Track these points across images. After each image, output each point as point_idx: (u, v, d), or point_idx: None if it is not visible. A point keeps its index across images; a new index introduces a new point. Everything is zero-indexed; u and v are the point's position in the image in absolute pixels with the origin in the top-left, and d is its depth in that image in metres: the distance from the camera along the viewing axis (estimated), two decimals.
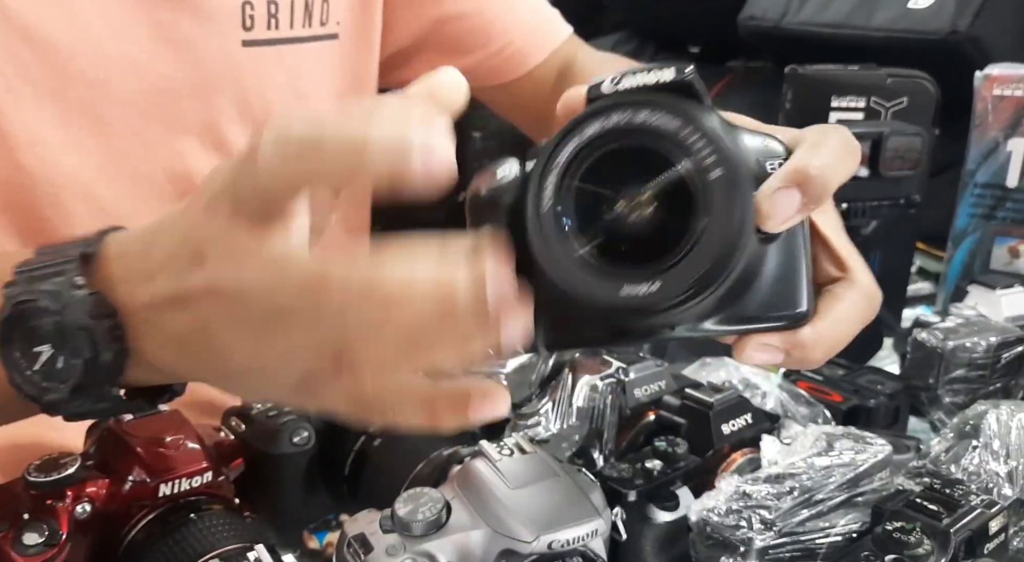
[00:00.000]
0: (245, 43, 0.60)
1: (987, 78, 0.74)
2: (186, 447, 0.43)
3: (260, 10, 0.59)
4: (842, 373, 0.65)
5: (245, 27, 0.59)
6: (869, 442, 0.47)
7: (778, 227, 0.31)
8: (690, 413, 0.50)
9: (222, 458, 0.45)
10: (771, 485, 0.44)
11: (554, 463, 0.42)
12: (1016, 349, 0.60)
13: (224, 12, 0.58)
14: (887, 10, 0.89)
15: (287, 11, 0.61)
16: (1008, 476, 0.45)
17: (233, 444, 0.47)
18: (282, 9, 0.61)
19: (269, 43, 0.61)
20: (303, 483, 0.49)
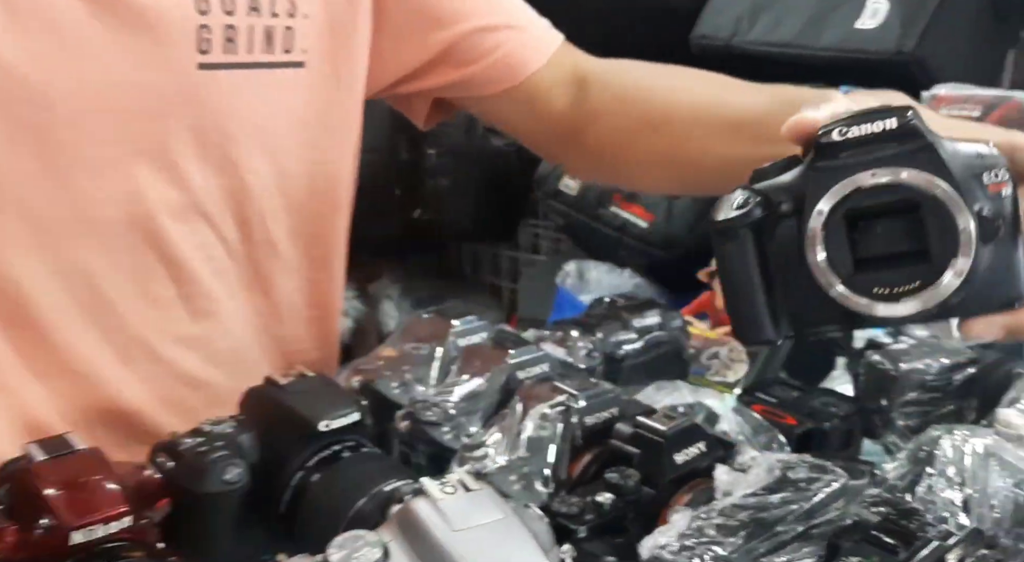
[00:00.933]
0: (201, 66, 0.58)
1: (934, 98, 0.75)
2: (103, 489, 0.40)
3: (217, 33, 0.58)
4: (796, 395, 0.64)
5: (201, 50, 0.58)
6: (825, 471, 0.46)
7: None
8: (642, 442, 0.48)
9: (145, 499, 0.42)
10: (725, 518, 0.42)
11: (500, 501, 0.40)
12: (968, 371, 0.59)
13: (179, 33, 0.57)
14: (835, 30, 0.90)
15: (245, 36, 0.60)
16: (964, 504, 0.44)
17: (158, 483, 0.44)
18: (240, 33, 0.59)
19: (226, 67, 0.60)
20: (235, 523, 0.46)
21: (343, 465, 0.48)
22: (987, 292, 0.38)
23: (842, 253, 0.38)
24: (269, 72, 0.61)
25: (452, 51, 0.68)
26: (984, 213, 0.37)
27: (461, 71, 0.68)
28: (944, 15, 0.86)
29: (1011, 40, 0.95)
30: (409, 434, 0.55)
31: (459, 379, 0.58)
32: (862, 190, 0.38)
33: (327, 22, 0.64)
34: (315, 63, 0.64)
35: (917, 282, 0.37)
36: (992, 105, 0.72)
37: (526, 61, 0.69)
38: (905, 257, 0.38)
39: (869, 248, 0.38)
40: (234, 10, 0.58)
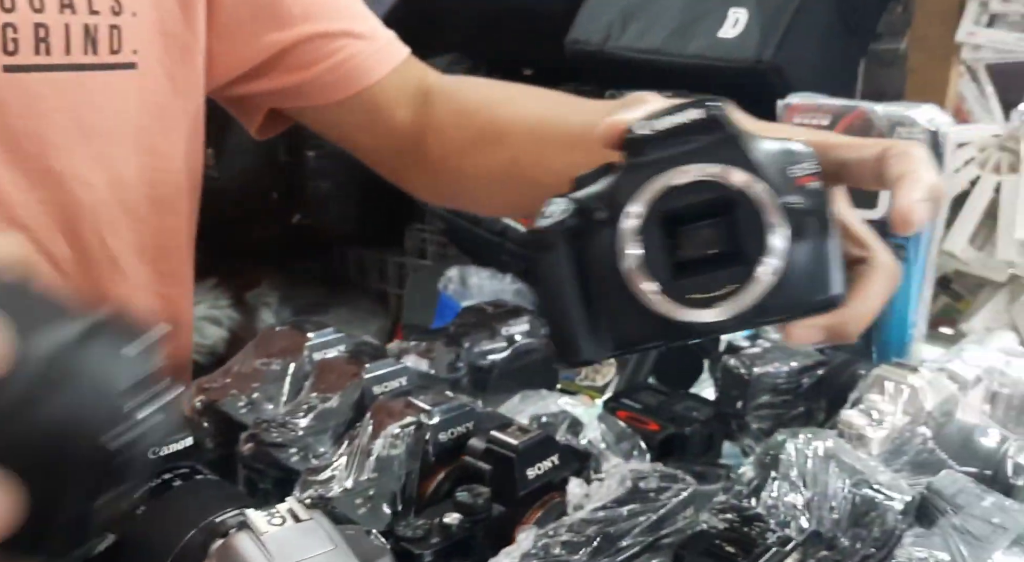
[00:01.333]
0: (7, 68, 0.53)
1: (788, 107, 0.77)
2: None
3: (25, 33, 0.53)
4: (660, 400, 0.65)
5: (7, 51, 0.53)
6: (675, 479, 0.46)
7: (911, 232, 0.37)
8: (494, 457, 0.47)
9: None
10: (573, 534, 0.41)
11: (332, 530, 0.37)
12: (816, 373, 0.61)
13: None
14: (700, 38, 0.92)
15: (60, 36, 0.55)
16: (805, 506, 0.45)
17: None
18: (54, 33, 0.54)
19: (40, 69, 0.55)
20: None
21: (173, 495, 0.44)
22: (804, 293, 0.36)
23: (657, 258, 0.36)
24: (95, 74, 0.57)
25: (287, 54, 0.66)
26: (793, 207, 0.35)
27: (296, 76, 0.66)
28: (798, 27, 0.89)
29: (861, 52, 1.00)
30: (253, 458, 0.51)
31: (310, 397, 0.55)
32: (674, 189, 0.36)
33: (158, 21, 0.60)
34: (148, 64, 0.60)
35: (732, 285, 0.35)
36: (840, 114, 0.75)
37: (366, 71, 0.67)
38: (722, 260, 0.36)
39: (686, 252, 0.36)
40: (43, 7, 0.54)
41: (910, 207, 0.37)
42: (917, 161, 0.38)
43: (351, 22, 0.68)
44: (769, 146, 0.36)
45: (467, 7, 1.22)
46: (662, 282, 0.36)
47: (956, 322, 0.89)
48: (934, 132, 0.72)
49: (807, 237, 0.36)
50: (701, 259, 0.36)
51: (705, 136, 0.35)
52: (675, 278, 0.36)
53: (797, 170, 0.36)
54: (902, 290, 0.74)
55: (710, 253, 0.36)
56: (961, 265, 0.87)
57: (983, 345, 0.65)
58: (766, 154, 0.36)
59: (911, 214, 0.37)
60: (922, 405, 0.54)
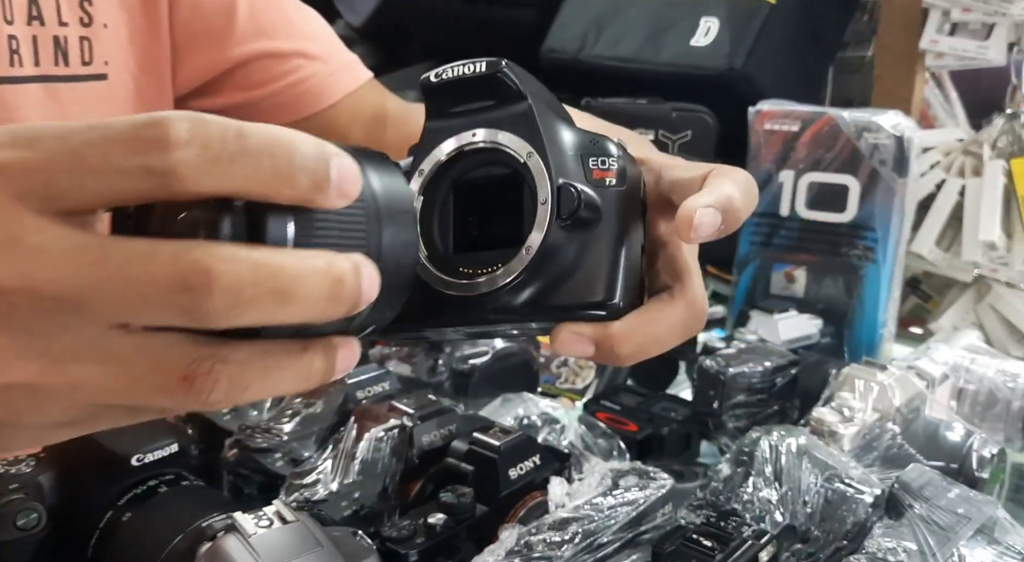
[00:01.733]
0: None
1: (759, 113, 0.79)
2: None
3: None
4: (638, 402, 0.66)
5: None
6: (653, 477, 0.47)
7: (694, 239, 0.33)
8: (477, 458, 0.47)
9: None
10: (555, 532, 0.42)
11: (319, 531, 0.38)
12: (789, 372, 0.63)
13: None
14: (672, 47, 0.94)
15: (29, 48, 0.55)
16: (779, 502, 0.46)
17: None
18: (23, 44, 0.54)
19: (12, 81, 0.55)
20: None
21: (159, 501, 0.45)
22: (573, 292, 0.33)
23: (431, 225, 0.34)
24: (67, 86, 0.57)
25: (237, 72, 0.66)
26: (572, 190, 0.32)
27: (246, 94, 0.66)
28: (767, 36, 0.91)
29: (829, 59, 1.03)
30: (238, 463, 0.52)
31: (293, 402, 0.55)
32: (461, 154, 0.34)
33: (127, 32, 0.61)
34: (118, 75, 0.60)
35: (498, 264, 0.32)
36: (809, 120, 0.77)
37: (319, 94, 0.68)
38: (502, 237, 0.33)
39: (470, 227, 0.34)
40: (13, 19, 0.54)
41: (691, 210, 0.33)
42: (730, 180, 0.35)
43: (306, 43, 0.68)
44: (577, 131, 0.34)
45: (442, 17, 1.23)
46: (431, 249, 0.34)
47: (925, 322, 0.92)
48: (900, 137, 0.75)
49: (586, 231, 0.33)
50: (487, 236, 0.34)
51: (510, 106, 0.33)
52: (456, 252, 0.34)
53: (597, 163, 0.34)
54: (872, 290, 0.77)
55: (497, 231, 0.33)
56: (929, 266, 0.89)
57: (949, 344, 0.67)
58: (569, 138, 0.34)
59: (690, 217, 0.33)
60: (891, 402, 0.55)
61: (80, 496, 0.45)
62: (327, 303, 0.25)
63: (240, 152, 0.24)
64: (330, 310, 0.25)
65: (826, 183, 0.77)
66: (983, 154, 0.88)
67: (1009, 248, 0.83)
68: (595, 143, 0.34)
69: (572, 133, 0.34)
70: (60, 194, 0.23)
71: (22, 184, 0.23)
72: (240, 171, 0.24)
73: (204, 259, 0.23)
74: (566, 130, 0.34)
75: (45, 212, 0.23)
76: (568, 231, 0.32)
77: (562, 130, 0.34)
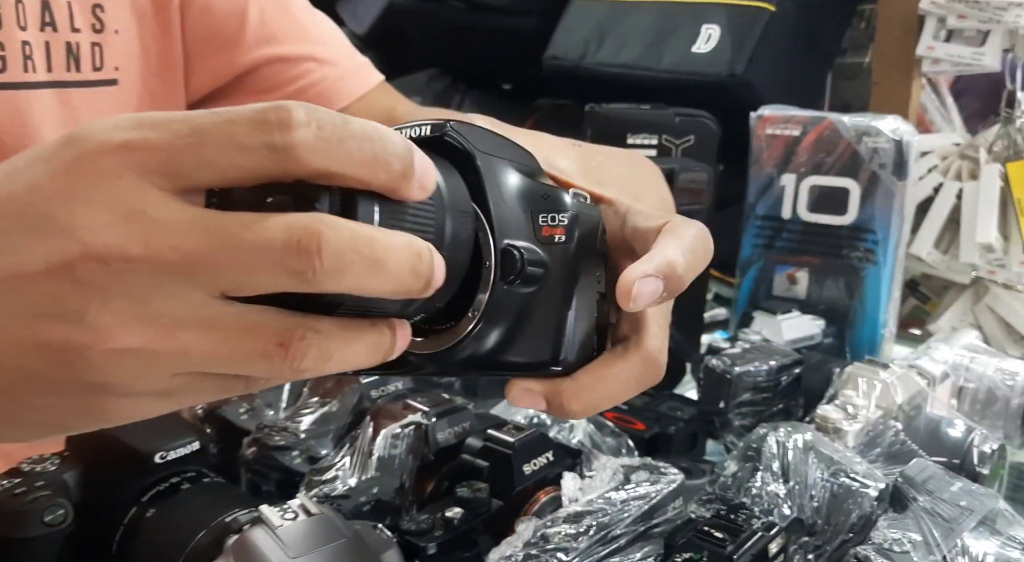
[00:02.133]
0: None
1: (760, 118, 0.80)
2: None
3: (12, 50, 0.54)
4: (645, 401, 0.67)
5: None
6: (663, 472, 0.48)
7: (634, 309, 0.33)
8: (491, 455, 0.49)
9: None
10: (569, 525, 0.43)
11: (343, 523, 0.39)
12: (793, 371, 0.64)
13: None
14: (673, 53, 0.95)
15: (42, 53, 0.56)
16: (787, 496, 0.48)
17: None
18: (36, 50, 0.55)
19: (26, 87, 0.56)
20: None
21: (181, 498, 0.46)
22: (519, 351, 0.33)
23: None
24: (79, 91, 0.58)
25: (248, 77, 0.67)
26: (514, 253, 0.32)
27: (258, 98, 0.68)
28: (767, 42, 0.93)
29: (828, 66, 1.04)
30: (257, 461, 0.53)
31: (309, 402, 0.56)
32: None
33: (139, 38, 0.62)
34: (129, 80, 0.61)
35: (451, 322, 0.32)
36: (810, 124, 0.78)
37: (331, 98, 0.69)
38: (458, 295, 0.32)
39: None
40: (27, 26, 0.55)
41: (631, 281, 0.32)
42: (677, 241, 0.34)
43: (316, 47, 0.69)
44: (526, 184, 0.34)
45: (445, 25, 1.25)
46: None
47: (924, 323, 0.93)
48: (899, 141, 0.76)
49: (532, 289, 0.33)
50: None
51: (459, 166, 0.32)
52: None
53: (547, 219, 0.33)
54: (873, 291, 0.78)
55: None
56: (927, 268, 0.91)
57: (949, 343, 0.68)
58: (520, 194, 0.33)
59: (629, 287, 0.32)
60: (893, 400, 0.57)
61: (104, 493, 0.46)
62: (409, 276, 0.27)
63: (347, 135, 0.26)
64: (411, 283, 0.27)
65: (827, 186, 0.78)
66: (979, 158, 0.89)
67: (1006, 250, 0.85)
68: (547, 197, 0.34)
69: (525, 188, 0.34)
70: (183, 171, 0.25)
71: (148, 162, 0.25)
72: (346, 152, 0.26)
73: (314, 225, 0.25)
74: (519, 185, 0.33)
75: (167, 188, 0.25)
76: (513, 291, 0.32)
77: (513, 186, 0.33)
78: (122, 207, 0.25)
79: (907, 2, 0.93)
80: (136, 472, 0.46)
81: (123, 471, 0.46)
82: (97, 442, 0.47)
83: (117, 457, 0.46)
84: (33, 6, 0.55)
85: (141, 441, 0.46)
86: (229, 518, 0.43)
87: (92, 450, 0.47)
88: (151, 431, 0.47)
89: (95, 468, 0.46)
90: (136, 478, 0.46)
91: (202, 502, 0.46)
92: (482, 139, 0.33)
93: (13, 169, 0.27)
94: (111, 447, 0.46)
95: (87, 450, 0.47)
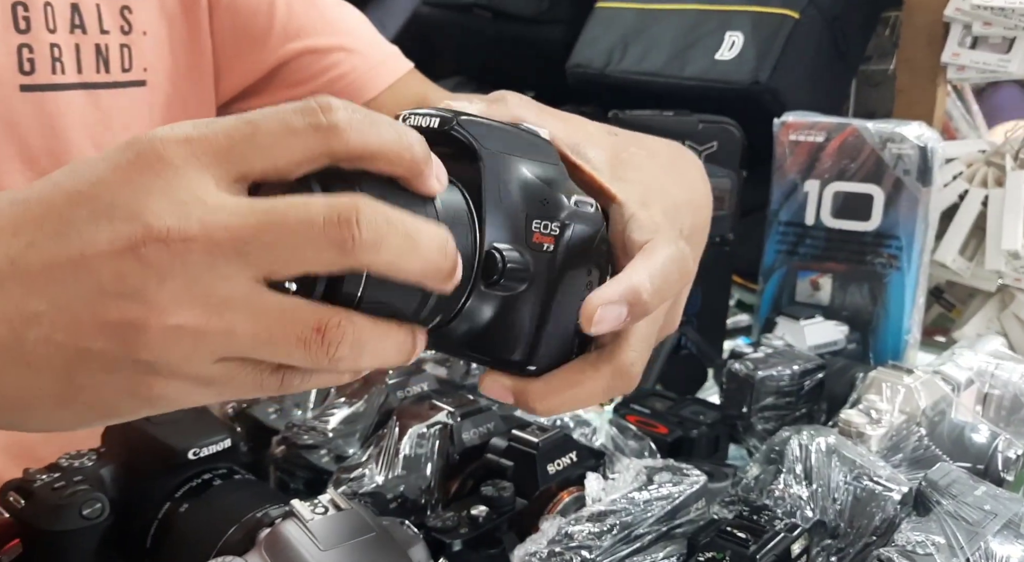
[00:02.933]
0: (23, 88, 0.55)
1: (784, 125, 0.80)
2: None
3: (41, 52, 0.55)
4: (668, 405, 0.67)
5: (23, 71, 0.55)
6: (686, 473, 0.48)
7: (596, 333, 0.34)
8: (516, 454, 0.49)
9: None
10: (593, 524, 0.44)
11: (371, 518, 0.40)
12: (816, 376, 0.64)
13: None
14: (697, 62, 0.96)
15: (72, 55, 0.57)
16: (809, 498, 0.48)
17: (6, 523, 0.42)
18: (66, 52, 0.56)
19: (55, 89, 0.57)
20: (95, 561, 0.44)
21: (213, 494, 0.47)
22: (494, 345, 0.34)
23: None
24: (108, 93, 0.59)
25: (281, 71, 0.68)
26: (497, 257, 0.33)
27: (292, 92, 0.68)
28: (791, 50, 0.93)
29: (852, 73, 1.04)
30: (285, 459, 0.54)
31: (336, 401, 0.57)
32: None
33: (168, 39, 0.62)
34: (158, 81, 0.62)
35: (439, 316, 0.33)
36: (834, 131, 0.79)
37: (362, 86, 0.69)
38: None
39: None
40: (56, 28, 0.56)
41: (593, 307, 0.33)
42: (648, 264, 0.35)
43: (344, 37, 0.70)
44: (532, 190, 0.34)
45: (470, 33, 1.26)
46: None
47: (949, 331, 0.92)
48: (924, 147, 0.76)
49: (513, 293, 0.33)
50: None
51: (464, 161, 0.33)
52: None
53: (540, 226, 0.34)
54: (897, 297, 0.78)
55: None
56: (952, 275, 0.90)
57: (974, 349, 0.68)
58: (519, 196, 0.34)
59: (592, 313, 0.33)
60: (917, 405, 0.57)
61: (139, 488, 0.47)
62: (439, 256, 0.29)
63: (377, 119, 0.29)
64: (440, 264, 0.29)
65: (851, 192, 0.78)
66: (1005, 165, 0.89)
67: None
68: (545, 203, 0.34)
69: (526, 190, 0.34)
70: (239, 158, 0.28)
71: (207, 153, 0.28)
72: (376, 133, 0.29)
73: (352, 200, 0.28)
74: (520, 187, 0.34)
75: (223, 177, 0.28)
76: (493, 292, 0.33)
77: (514, 188, 0.33)
78: (182, 194, 0.27)
79: (932, 9, 0.92)
80: (170, 468, 0.47)
81: (157, 467, 0.47)
82: (132, 439, 0.48)
83: (151, 454, 0.47)
84: (62, 8, 0.56)
85: (175, 438, 0.48)
86: (260, 513, 0.44)
87: (127, 447, 0.48)
88: (184, 429, 0.48)
89: (130, 464, 0.47)
90: (170, 474, 0.47)
91: (234, 497, 0.47)
92: (491, 134, 0.34)
93: (72, 170, 0.29)
94: (146, 444, 0.47)
95: (123, 447, 0.48)
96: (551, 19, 1.18)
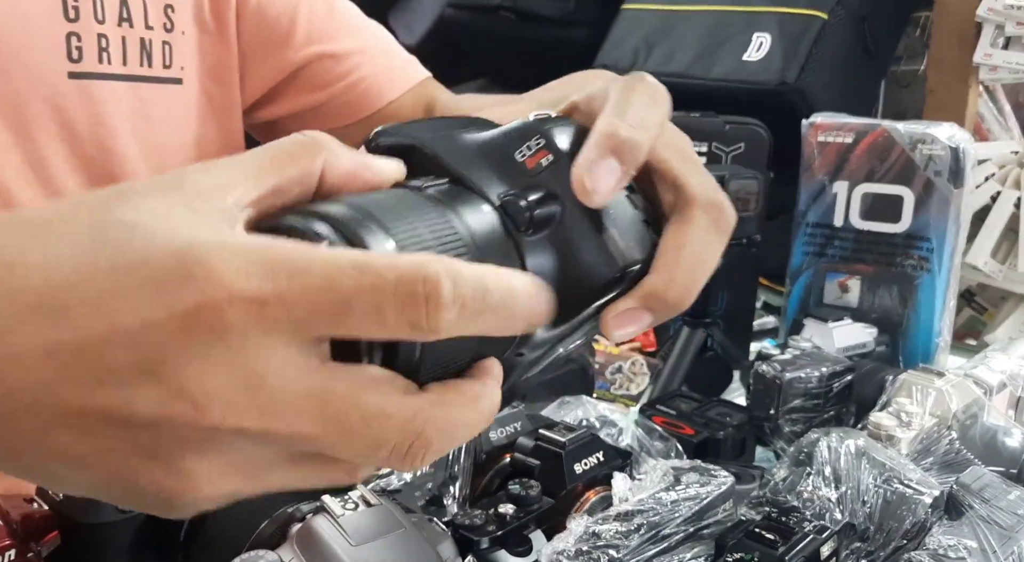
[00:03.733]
0: (72, 75, 0.57)
1: (812, 126, 0.80)
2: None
3: (89, 42, 0.57)
4: (694, 407, 0.67)
5: (71, 58, 0.56)
6: (713, 474, 0.48)
7: (604, 201, 0.30)
8: (543, 454, 0.49)
9: (31, 532, 0.41)
10: (620, 523, 0.44)
11: (401, 515, 0.41)
12: (845, 378, 0.63)
13: (46, 41, 0.55)
14: (724, 62, 0.96)
15: (118, 47, 0.58)
16: (838, 500, 0.47)
17: (45, 516, 0.43)
18: (112, 44, 0.58)
19: (101, 77, 0.58)
20: (130, 554, 0.45)
21: None
22: (590, 278, 0.31)
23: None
24: (150, 86, 0.60)
25: (301, 75, 0.68)
26: (514, 200, 0.30)
27: (311, 97, 0.69)
28: (820, 51, 0.93)
29: (881, 74, 1.03)
30: None
31: None
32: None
33: (198, 42, 0.64)
34: (191, 81, 0.63)
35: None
36: (863, 131, 0.78)
37: (380, 91, 0.70)
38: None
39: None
40: (104, 19, 0.57)
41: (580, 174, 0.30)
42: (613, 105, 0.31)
43: (361, 42, 0.71)
44: (486, 139, 0.31)
45: (496, 36, 1.27)
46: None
47: (980, 334, 0.91)
48: (955, 148, 0.75)
49: (558, 219, 0.30)
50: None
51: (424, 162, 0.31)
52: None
53: (525, 150, 0.31)
54: (927, 300, 0.77)
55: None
56: (984, 278, 0.89)
57: (1007, 352, 0.67)
58: (489, 147, 0.31)
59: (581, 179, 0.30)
60: (948, 408, 0.56)
61: None
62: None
63: (485, 308, 0.25)
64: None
65: (880, 194, 0.78)
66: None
67: None
68: (509, 134, 0.31)
69: (484, 141, 0.31)
70: (316, 331, 0.24)
71: (280, 320, 0.23)
72: (478, 326, 0.25)
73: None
74: (479, 144, 0.31)
75: (293, 343, 0.23)
76: (542, 234, 0.30)
77: (473, 147, 0.31)
78: (243, 372, 0.23)
79: (964, 9, 0.91)
80: None
81: None
82: None
83: None
84: (111, 2, 0.57)
85: None
86: (292, 508, 0.45)
87: None
88: None
89: None
90: None
91: (265, 495, 0.47)
92: (420, 128, 0.32)
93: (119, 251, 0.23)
94: None
95: None
96: (576, 21, 1.18)
